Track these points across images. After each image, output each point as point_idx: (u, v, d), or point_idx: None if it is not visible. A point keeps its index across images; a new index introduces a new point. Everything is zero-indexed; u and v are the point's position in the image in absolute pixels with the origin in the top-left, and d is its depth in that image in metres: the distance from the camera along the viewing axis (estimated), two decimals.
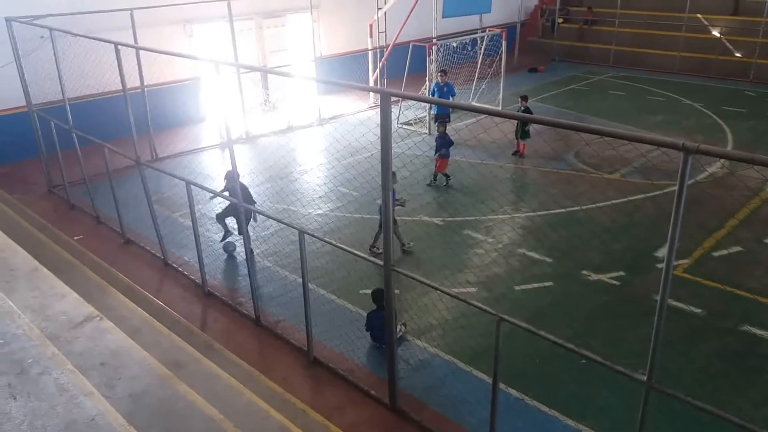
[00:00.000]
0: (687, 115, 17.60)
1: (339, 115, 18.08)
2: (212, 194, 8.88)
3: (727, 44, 22.02)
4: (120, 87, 8.86)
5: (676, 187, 3.88)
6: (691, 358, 7.34)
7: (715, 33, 22.46)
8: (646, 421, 4.64)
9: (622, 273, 9.39)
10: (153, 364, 5.11)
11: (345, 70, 19.44)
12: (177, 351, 6.22)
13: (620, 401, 6.55)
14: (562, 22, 26.72)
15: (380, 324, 6.82)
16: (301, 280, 7.10)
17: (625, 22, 24.51)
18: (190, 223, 8.69)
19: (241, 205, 7.75)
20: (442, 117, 14.49)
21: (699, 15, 22.91)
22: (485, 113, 4.67)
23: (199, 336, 7.45)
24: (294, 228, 6.72)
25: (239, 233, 9.27)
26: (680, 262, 9.65)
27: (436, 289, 5.69)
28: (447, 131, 12.82)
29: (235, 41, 15.42)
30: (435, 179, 12.82)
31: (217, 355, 6.93)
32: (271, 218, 7.64)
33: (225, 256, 9.94)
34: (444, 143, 12.60)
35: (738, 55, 21.74)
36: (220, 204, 10.25)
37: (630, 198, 12.04)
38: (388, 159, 5.01)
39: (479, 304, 5.24)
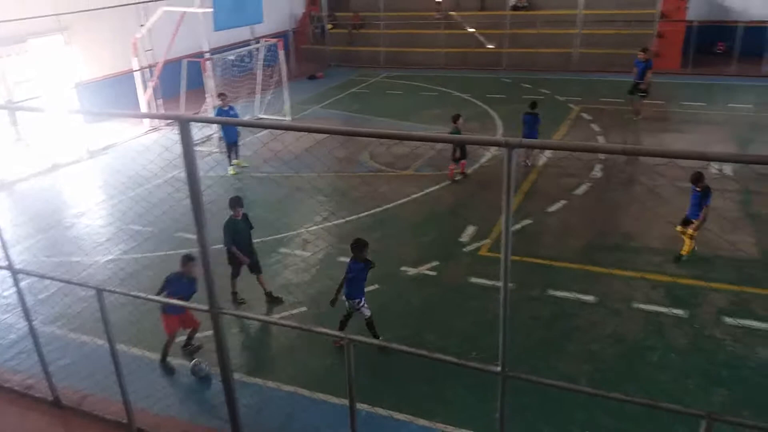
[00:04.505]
0: (459, 106, 18.97)
1: (112, 144, 16.35)
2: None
3: (480, 38, 24.38)
4: None
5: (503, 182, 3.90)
6: (511, 333, 7.75)
7: (469, 28, 24.71)
8: (505, 409, 4.67)
9: (436, 263, 9.71)
10: None
11: (112, 93, 17.66)
12: None
13: (467, 390, 6.71)
14: (332, 28, 27.35)
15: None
16: (101, 341, 6.07)
17: (390, 24, 25.87)
18: None
19: None
20: (234, 146, 13.88)
21: (452, 12, 25.04)
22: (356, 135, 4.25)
23: None
24: (89, 287, 5.67)
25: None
26: (482, 242, 10.29)
27: (275, 323, 5.20)
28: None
29: None
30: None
31: None
32: (55, 279, 6.40)
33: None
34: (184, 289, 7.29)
35: (490, 46, 24.19)
36: None
37: (427, 191, 12.58)
38: (197, 193, 4.38)
39: (326, 330, 4.88)
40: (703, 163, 10.94)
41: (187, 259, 7.37)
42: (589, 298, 8.53)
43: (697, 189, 8.98)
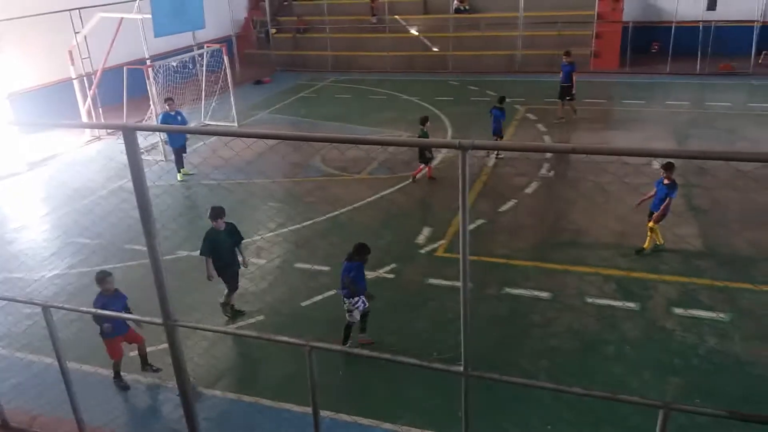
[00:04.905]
0: (409, 109, 19.08)
1: (52, 156, 15.70)
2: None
3: (425, 41, 24.59)
4: None
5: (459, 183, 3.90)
6: (471, 332, 7.81)
7: (413, 31, 24.89)
8: (469, 408, 4.69)
9: (394, 265, 9.71)
10: None
11: (50, 103, 16.98)
12: None
13: (430, 391, 6.71)
14: (276, 33, 27.06)
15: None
16: (50, 360, 5.81)
17: (335, 29, 25.79)
18: None
19: None
20: (180, 150, 13.57)
21: (397, 16, 25.17)
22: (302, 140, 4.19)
23: None
24: (35, 304, 5.41)
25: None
26: (439, 243, 10.36)
27: (232, 333, 5.07)
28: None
29: None
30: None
31: None
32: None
33: None
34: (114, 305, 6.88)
35: (435, 49, 24.41)
36: None
37: (381, 193, 12.58)
38: (146, 203, 4.24)
39: (286, 338, 4.79)
40: (648, 159, 11.36)
41: (101, 276, 6.93)
42: (545, 294, 8.69)
43: (665, 181, 9.21)
